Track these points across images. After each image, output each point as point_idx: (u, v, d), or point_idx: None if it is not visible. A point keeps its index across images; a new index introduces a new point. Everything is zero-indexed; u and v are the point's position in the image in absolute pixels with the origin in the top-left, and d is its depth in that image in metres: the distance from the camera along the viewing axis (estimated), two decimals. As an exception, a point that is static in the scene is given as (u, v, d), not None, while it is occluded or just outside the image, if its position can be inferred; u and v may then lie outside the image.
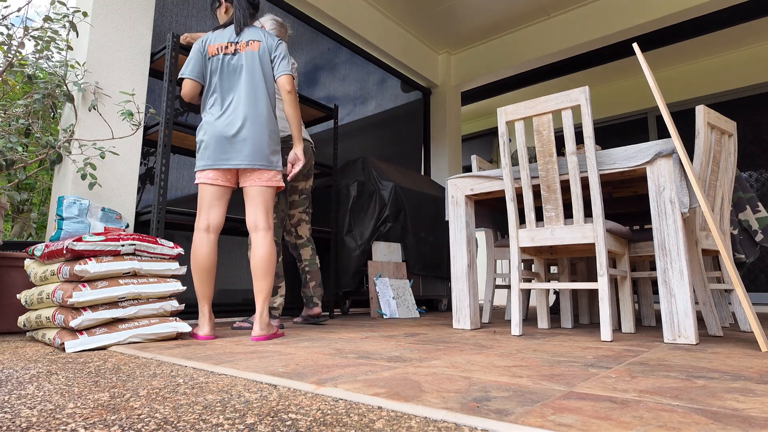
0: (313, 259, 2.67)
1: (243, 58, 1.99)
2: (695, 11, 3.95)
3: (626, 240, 2.26)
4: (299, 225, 2.67)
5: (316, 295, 2.64)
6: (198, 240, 1.94)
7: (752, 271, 5.07)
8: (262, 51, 2.01)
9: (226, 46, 2.01)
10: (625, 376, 1.09)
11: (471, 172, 2.85)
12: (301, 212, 2.66)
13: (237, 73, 1.98)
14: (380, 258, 3.39)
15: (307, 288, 2.65)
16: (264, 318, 1.89)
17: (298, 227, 2.67)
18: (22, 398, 0.89)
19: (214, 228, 1.96)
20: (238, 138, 1.91)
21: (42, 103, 2.24)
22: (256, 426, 0.71)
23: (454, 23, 4.80)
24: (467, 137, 7.52)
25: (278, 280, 2.46)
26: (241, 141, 1.91)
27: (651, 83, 1.86)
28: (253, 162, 1.91)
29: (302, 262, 2.67)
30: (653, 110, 5.97)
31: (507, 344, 1.71)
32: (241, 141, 1.91)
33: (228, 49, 2.01)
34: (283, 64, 2.03)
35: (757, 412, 0.77)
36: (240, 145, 1.91)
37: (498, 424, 0.71)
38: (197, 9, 3.14)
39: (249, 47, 2.01)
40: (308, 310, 2.65)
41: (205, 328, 1.89)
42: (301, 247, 2.67)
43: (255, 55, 2.00)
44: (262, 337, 1.86)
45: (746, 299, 1.60)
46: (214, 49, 2.02)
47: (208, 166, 1.93)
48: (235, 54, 2.00)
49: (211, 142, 1.92)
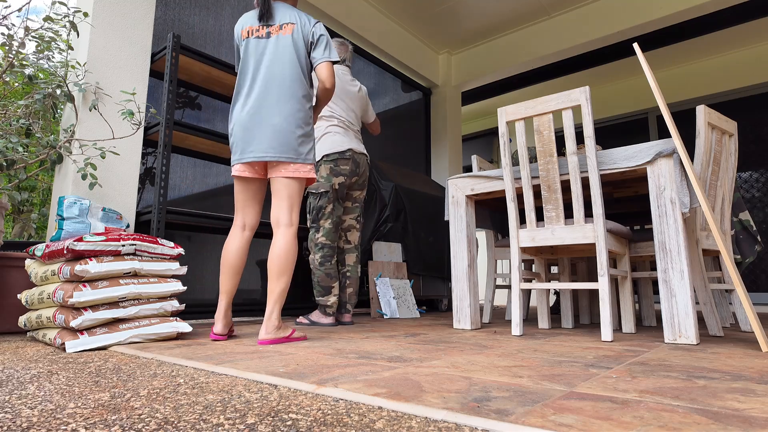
0: (355, 267, 2.74)
1: (274, 42, 1.84)
2: (695, 11, 3.95)
3: (627, 240, 2.26)
4: (349, 231, 2.76)
5: (351, 302, 2.69)
6: (230, 235, 1.88)
7: (753, 271, 5.07)
8: (296, 34, 1.85)
9: (257, 29, 1.86)
10: (626, 376, 1.09)
11: (471, 172, 2.85)
12: (352, 218, 2.76)
13: (266, 59, 1.83)
14: (380, 258, 3.39)
15: (343, 293, 2.70)
16: (272, 321, 1.74)
17: (348, 233, 2.76)
18: (23, 398, 0.89)
19: (250, 226, 1.89)
20: (262, 128, 1.78)
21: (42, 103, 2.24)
22: (256, 426, 0.71)
23: (454, 23, 4.80)
24: (468, 137, 7.52)
25: (331, 281, 2.53)
26: (265, 131, 1.78)
27: (651, 83, 1.86)
28: (278, 154, 1.78)
29: (345, 267, 2.74)
30: (653, 110, 5.97)
31: (507, 344, 1.71)
32: (264, 131, 1.78)
33: (259, 32, 1.86)
34: (320, 50, 1.87)
35: (758, 413, 0.77)
36: (262, 135, 1.78)
37: (498, 424, 0.71)
38: (199, 8, 3.14)
39: (282, 31, 1.86)
40: (339, 315, 2.69)
41: (218, 325, 1.82)
42: (347, 252, 2.75)
43: (288, 39, 1.84)
44: (268, 341, 1.72)
45: (747, 299, 1.60)
46: (245, 32, 1.88)
47: (236, 160, 1.83)
48: (267, 38, 1.85)
49: (238, 134, 1.82)
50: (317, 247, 2.56)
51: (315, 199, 2.58)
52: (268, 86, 1.81)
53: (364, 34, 4.33)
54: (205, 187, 3.06)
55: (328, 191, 2.56)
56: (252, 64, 1.85)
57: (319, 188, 2.57)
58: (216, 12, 3.25)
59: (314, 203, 2.59)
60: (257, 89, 1.82)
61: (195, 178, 3.00)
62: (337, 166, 2.58)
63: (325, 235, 2.56)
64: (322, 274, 2.53)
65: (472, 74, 5.22)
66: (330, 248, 2.56)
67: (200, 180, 3.03)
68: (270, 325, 1.74)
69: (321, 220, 2.57)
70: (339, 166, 2.59)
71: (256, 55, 1.85)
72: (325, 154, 2.59)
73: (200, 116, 3.09)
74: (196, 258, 2.89)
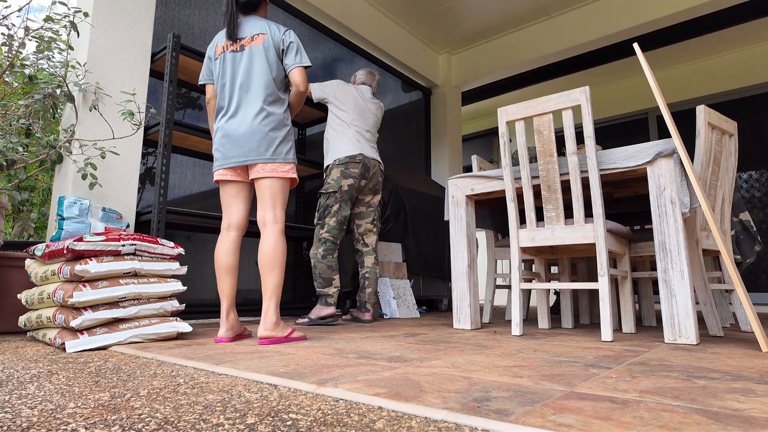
0: (374, 269, 2.88)
1: (248, 54, 1.92)
2: (695, 11, 3.95)
3: (627, 240, 2.26)
4: (366, 234, 2.92)
5: (370, 302, 2.83)
6: (220, 238, 1.92)
7: (753, 271, 5.07)
8: (267, 43, 1.93)
9: (230, 44, 1.96)
10: (626, 376, 1.09)
11: (471, 172, 2.85)
12: (368, 222, 2.92)
13: (240, 70, 1.92)
14: (381, 258, 3.39)
15: (363, 293, 2.85)
16: (269, 317, 1.74)
17: (365, 236, 2.91)
18: (23, 398, 0.89)
19: (234, 226, 1.92)
20: (241, 134, 1.87)
21: (42, 103, 2.24)
22: (256, 426, 0.71)
23: (454, 23, 4.80)
24: (468, 137, 7.52)
25: (332, 273, 2.65)
26: (244, 137, 1.86)
27: (651, 83, 1.86)
28: (256, 156, 1.86)
29: (364, 269, 2.88)
30: (653, 110, 5.97)
31: (507, 344, 1.71)
32: (243, 137, 1.86)
33: (234, 47, 1.95)
34: (291, 56, 1.94)
35: (758, 413, 0.77)
36: (242, 140, 1.86)
37: (498, 424, 0.70)
38: (199, 8, 3.14)
39: (254, 42, 1.94)
40: (360, 313, 2.84)
41: (221, 329, 1.82)
42: (366, 254, 2.90)
43: (259, 48, 1.93)
44: (268, 339, 1.72)
45: (747, 299, 1.60)
46: (220, 48, 1.98)
47: (218, 166, 1.92)
48: (242, 50, 1.93)
49: (220, 142, 1.90)
50: (320, 242, 2.71)
51: (324, 198, 2.77)
52: (245, 94, 1.91)
53: (364, 34, 4.33)
54: (205, 187, 3.06)
55: (336, 191, 2.74)
56: (229, 76, 1.95)
57: (328, 189, 2.76)
58: (216, 12, 3.25)
59: (323, 202, 2.77)
60: (236, 99, 1.92)
61: (195, 178, 3.00)
62: (347, 169, 2.76)
63: (329, 231, 2.71)
64: (324, 266, 2.66)
65: (472, 74, 5.22)
66: (332, 243, 2.71)
67: (200, 180, 3.03)
68: (268, 321, 1.75)
69: (326, 217, 2.73)
70: (349, 168, 2.76)
71: (232, 68, 1.95)
72: (338, 158, 2.78)
73: (200, 116, 3.09)
74: (196, 258, 2.89)
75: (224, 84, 1.95)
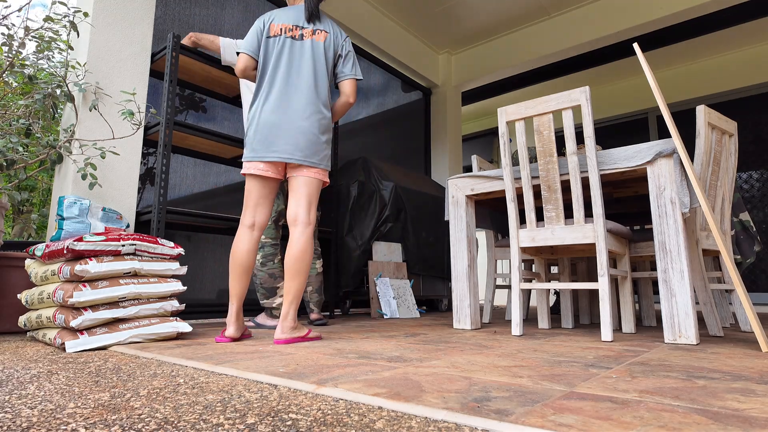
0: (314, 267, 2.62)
1: (306, 46, 1.86)
2: (695, 11, 3.95)
3: (627, 240, 2.26)
4: None
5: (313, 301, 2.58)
6: (239, 235, 1.85)
7: (753, 271, 5.07)
8: (327, 43, 1.88)
9: (291, 28, 1.87)
10: (626, 376, 1.09)
11: (471, 172, 2.85)
12: None
13: (296, 60, 1.84)
14: (380, 258, 3.39)
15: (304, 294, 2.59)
16: (288, 321, 1.76)
17: None
18: (23, 398, 0.89)
19: (259, 226, 1.88)
20: (289, 129, 1.79)
21: (42, 103, 2.24)
22: (256, 426, 0.71)
23: (454, 23, 4.80)
24: (468, 137, 7.52)
25: (276, 282, 2.38)
26: (292, 133, 1.79)
27: (651, 83, 1.86)
28: (304, 157, 1.80)
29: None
30: (653, 110, 5.97)
31: (507, 344, 1.71)
32: (291, 133, 1.79)
33: (293, 32, 1.87)
34: (348, 66, 1.91)
35: (758, 413, 0.77)
36: (289, 136, 1.79)
37: (498, 424, 0.71)
38: (199, 7, 3.14)
39: (315, 36, 1.88)
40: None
41: (230, 328, 1.80)
42: None
43: (320, 45, 1.87)
44: (284, 340, 1.73)
45: (747, 299, 1.60)
46: (278, 28, 1.88)
47: (255, 157, 1.81)
48: (299, 39, 1.86)
49: (262, 131, 1.80)
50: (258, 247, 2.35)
51: None
52: (296, 88, 1.83)
53: (364, 34, 4.33)
54: (205, 187, 3.06)
55: None
56: (284, 62, 1.85)
57: None
58: (216, 11, 3.25)
59: None
60: (285, 89, 1.83)
61: (195, 178, 3.00)
62: None
63: (264, 233, 2.41)
64: (265, 274, 2.37)
65: (472, 74, 5.22)
66: (271, 246, 2.40)
67: (200, 180, 3.03)
68: (286, 326, 1.76)
69: None
70: None
71: (289, 55, 1.86)
72: None
73: (200, 116, 3.09)
74: (196, 258, 2.89)
75: (276, 68, 1.85)
